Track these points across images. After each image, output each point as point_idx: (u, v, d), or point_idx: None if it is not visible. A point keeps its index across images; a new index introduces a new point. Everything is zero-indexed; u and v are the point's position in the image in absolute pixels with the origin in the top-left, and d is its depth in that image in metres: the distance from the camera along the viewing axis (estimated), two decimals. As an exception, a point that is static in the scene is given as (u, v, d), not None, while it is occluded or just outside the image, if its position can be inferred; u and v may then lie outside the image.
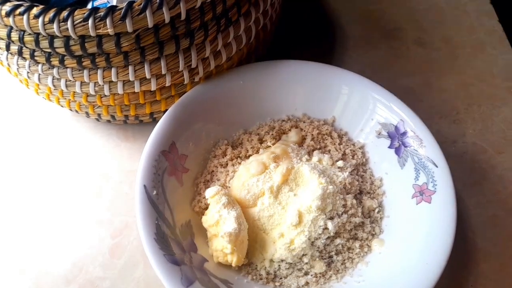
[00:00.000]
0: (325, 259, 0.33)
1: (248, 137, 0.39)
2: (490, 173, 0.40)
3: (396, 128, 0.36)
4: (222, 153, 0.38)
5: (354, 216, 0.34)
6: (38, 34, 0.31)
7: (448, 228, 0.31)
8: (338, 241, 0.33)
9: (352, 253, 0.34)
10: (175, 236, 0.32)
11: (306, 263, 0.33)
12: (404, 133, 0.36)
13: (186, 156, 0.37)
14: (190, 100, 0.37)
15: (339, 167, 0.36)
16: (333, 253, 0.34)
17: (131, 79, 0.34)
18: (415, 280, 0.30)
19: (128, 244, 0.37)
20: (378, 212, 0.36)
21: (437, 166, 0.34)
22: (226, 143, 0.39)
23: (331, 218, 0.33)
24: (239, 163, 0.37)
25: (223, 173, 0.37)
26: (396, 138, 0.37)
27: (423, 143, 0.35)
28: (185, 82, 0.36)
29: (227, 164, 0.38)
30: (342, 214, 0.34)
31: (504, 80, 0.46)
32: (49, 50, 0.32)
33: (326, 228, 0.33)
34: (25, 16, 0.29)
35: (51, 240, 0.38)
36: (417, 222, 0.33)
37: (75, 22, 0.29)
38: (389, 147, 0.37)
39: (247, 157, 0.38)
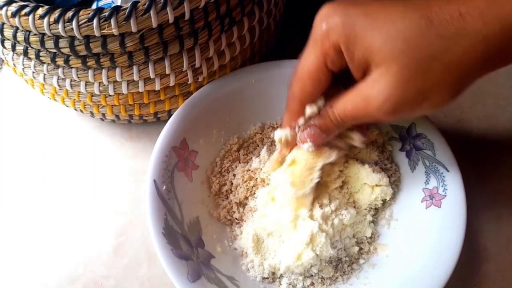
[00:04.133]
0: (333, 263, 0.33)
1: (260, 135, 0.39)
2: (494, 172, 0.40)
3: (408, 130, 0.36)
4: (233, 150, 0.38)
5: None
6: (43, 34, 0.31)
7: (457, 234, 0.31)
8: (346, 242, 0.34)
9: (359, 255, 0.34)
10: (183, 232, 0.33)
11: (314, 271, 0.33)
12: (416, 136, 0.36)
13: (197, 153, 0.37)
14: (202, 97, 0.37)
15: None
16: (341, 255, 0.33)
17: (135, 79, 0.34)
18: (421, 284, 0.30)
19: (132, 242, 0.37)
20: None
21: (448, 171, 0.34)
22: (236, 141, 0.39)
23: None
24: (250, 159, 0.38)
25: (234, 170, 0.37)
26: (407, 141, 0.36)
27: (435, 147, 0.35)
28: (189, 82, 0.37)
29: (238, 161, 0.38)
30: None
31: (508, 79, 0.46)
32: (54, 50, 0.32)
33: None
34: (30, 17, 0.30)
35: (55, 239, 0.38)
36: (426, 226, 0.33)
37: (80, 22, 0.29)
38: (400, 149, 0.37)
39: (258, 155, 0.38)
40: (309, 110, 0.30)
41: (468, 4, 0.22)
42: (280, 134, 0.32)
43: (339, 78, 0.30)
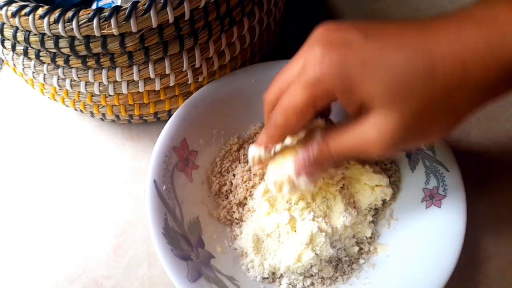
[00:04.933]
0: (332, 263, 0.33)
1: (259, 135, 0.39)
2: (494, 172, 0.40)
3: None
4: (233, 150, 0.39)
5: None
6: (43, 34, 0.31)
7: (457, 234, 0.31)
8: (346, 242, 0.34)
9: (359, 255, 0.34)
10: (183, 232, 0.33)
11: (315, 270, 0.33)
12: None
13: (197, 153, 0.37)
14: (202, 98, 0.37)
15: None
16: (341, 255, 0.34)
17: (135, 79, 0.34)
18: (421, 284, 0.30)
19: (132, 242, 0.37)
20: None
21: (448, 170, 0.34)
22: (236, 141, 0.39)
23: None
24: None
25: (234, 170, 0.38)
26: None
27: (435, 146, 0.35)
28: (189, 82, 0.37)
29: (238, 161, 0.38)
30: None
31: (509, 79, 0.46)
32: (54, 50, 0.32)
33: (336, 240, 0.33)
34: (30, 17, 0.30)
35: (55, 239, 0.38)
36: (426, 226, 0.33)
37: (80, 22, 0.29)
38: None
39: None
40: (289, 141, 0.30)
41: (469, 48, 0.22)
42: (254, 153, 0.31)
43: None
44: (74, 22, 0.29)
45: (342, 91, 0.25)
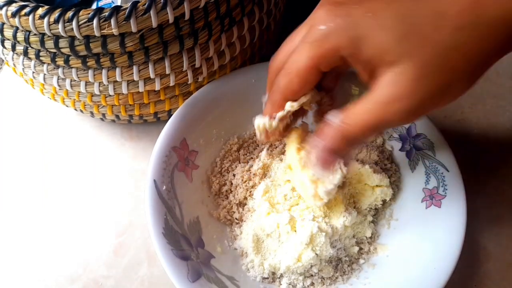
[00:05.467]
0: (332, 263, 0.33)
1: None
2: (494, 172, 0.40)
3: (408, 130, 0.36)
4: (233, 150, 0.39)
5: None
6: (43, 34, 0.31)
7: (457, 234, 0.31)
8: (346, 242, 0.34)
9: (359, 255, 0.34)
10: (183, 232, 0.33)
11: (315, 270, 0.33)
12: (416, 136, 0.36)
13: (197, 153, 0.37)
14: (202, 97, 0.37)
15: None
16: (341, 255, 0.34)
17: (135, 79, 0.34)
18: (421, 284, 0.30)
19: (132, 242, 0.37)
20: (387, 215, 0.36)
21: (448, 171, 0.34)
22: (236, 141, 0.39)
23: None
24: (251, 158, 0.38)
25: (234, 170, 0.38)
26: (407, 141, 0.36)
27: (435, 147, 0.35)
28: (189, 82, 0.37)
29: (238, 161, 0.38)
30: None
31: (509, 79, 0.46)
32: (54, 50, 0.32)
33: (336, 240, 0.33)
34: (30, 17, 0.30)
35: (55, 239, 0.38)
36: (426, 226, 0.33)
37: (80, 22, 0.29)
38: (400, 149, 0.37)
39: (258, 156, 0.38)
40: (289, 106, 0.28)
41: None
42: (258, 122, 0.31)
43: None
44: (74, 22, 0.29)
45: (349, 46, 0.23)
